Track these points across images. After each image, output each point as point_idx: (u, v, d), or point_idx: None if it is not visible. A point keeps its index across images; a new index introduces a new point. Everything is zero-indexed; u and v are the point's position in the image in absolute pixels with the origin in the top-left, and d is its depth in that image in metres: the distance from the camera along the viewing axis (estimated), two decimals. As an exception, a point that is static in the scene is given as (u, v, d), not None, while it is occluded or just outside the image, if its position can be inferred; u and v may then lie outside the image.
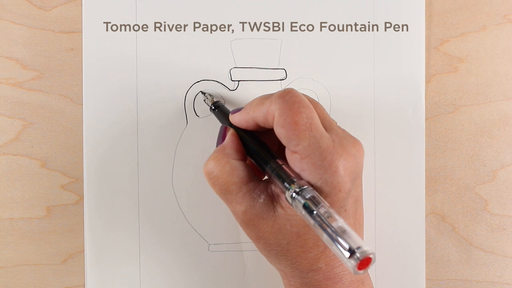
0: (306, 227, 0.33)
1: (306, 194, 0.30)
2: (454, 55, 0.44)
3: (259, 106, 0.34)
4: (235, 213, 0.35)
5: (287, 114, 0.32)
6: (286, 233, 0.33)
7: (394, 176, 0.43)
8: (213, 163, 0.35)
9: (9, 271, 0.42)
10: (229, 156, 0.35)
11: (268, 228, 0.34)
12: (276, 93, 0.33)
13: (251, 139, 0.36)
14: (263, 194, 0.34)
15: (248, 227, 0.34)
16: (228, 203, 0.35)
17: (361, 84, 0.43)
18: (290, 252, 0.34)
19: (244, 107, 0.36)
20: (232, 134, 0.36)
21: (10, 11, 0.41)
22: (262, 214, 0.33)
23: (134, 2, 0.41)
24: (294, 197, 0.31)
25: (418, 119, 0.43)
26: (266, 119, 0.33)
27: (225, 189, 0.34)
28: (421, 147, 0.44)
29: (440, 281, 0.44)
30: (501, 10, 0.43)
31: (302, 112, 0.32)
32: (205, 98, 0.41)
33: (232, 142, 0.36)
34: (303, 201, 0.30)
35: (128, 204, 0.41)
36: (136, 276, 0.42)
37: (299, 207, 0.30)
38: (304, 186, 0.31)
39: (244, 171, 0.34)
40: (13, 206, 0.42)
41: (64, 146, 0.42)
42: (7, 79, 0.41)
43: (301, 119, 0.32)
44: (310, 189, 0.31)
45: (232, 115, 0.36)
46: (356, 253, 0.27)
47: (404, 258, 0.43)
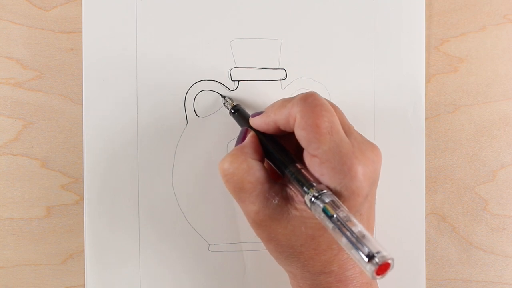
0: (321, 229, 0.33)
1: (325, 198, 0.30)
2: (454, 55, 0.44)
3: (281, 108, 0.34)
4: (247, 213, 0.35)
5: (309, 116, 0.32)
6: (300, 235, 0.33)
7: (394, 176, 0.43)
8: (230, 160, 0.34)
9: (9, 271, 0.42)
10: (247, 155, 0.35)
11: (281, 230, 0.33)
12: (297, 96, 0.34)
13: (270, 142, 0.36)
14: (278, 196, 0.34)
15: (259, 227, 0.34)
16: (240, 202, 0.35)
17: (361, 84, 0.43)
18: (303, 254, 0.34)
19: (264, 111, 0.36)
20: (252, 136, 0.36)
21: (10, 11, 0.41)
22: (276, 216, 0.33)
23: (134, 2, 0.41)
24: (313, 201, 0.31)
25: (418, 119, 0.43)
26: (287, 122, 0.34)
27: (239, 187, 0.34)
28: (421, 147, 0.44)
29: (440, 281, 0.44)
30: (501, 10, 0.43)
31: (323, 116, 0.32)
32: (225, 101, 0.41)
33: (252, 143, 0.36)
34: (322, 205, 0.30)
35: (128, 204, 0.41)
36: (136, 276, 0.42)
37: (318, 211, 0.30)
38: (323, 190, 0.31)
39: (261, 171, 0.34)
40: (13, 206, 0.42)
41: (64, 146, 0.42)
42: (7, 79, 0.41)
43: (322, 122, 0.32)
44: (329, 193, 0.31)
45: (252, 118, 0.37)
46: (375, 258, 0.27)
47: (404, 258, 0.43)
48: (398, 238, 0.43)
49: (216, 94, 0.42)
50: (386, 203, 0.43)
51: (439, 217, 0.44)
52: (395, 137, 0.43)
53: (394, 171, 0.43)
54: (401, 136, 0.43)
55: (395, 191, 0.43)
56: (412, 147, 0.43)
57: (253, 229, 0.35)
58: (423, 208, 0.43)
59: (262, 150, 0.36)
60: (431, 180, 0.44)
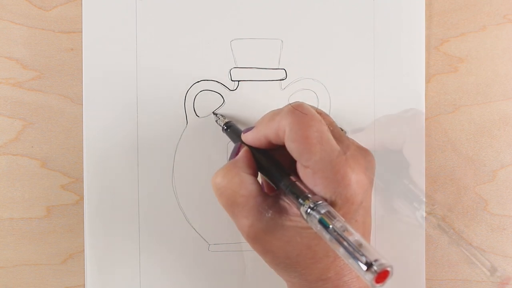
0: (317, 238, 0.33)
1: (321, 209, 0.30)
2: (454, 55, 0.44)
3: (270, 122, 0.34)
4: (241, 227, 0.34)
5: (298, 128, 0.32)
6: (295, 246, 0.33)
7: (394, 176, 0.43)
8: (222, 174, 0.34)
9: (9, 271, 0.42)
10: (240, 169, 0.34)
11: (275, 242, 0.33)
12: (285, 108, 0.34)
13: (263, 156, 0.36)
14: (271, 209, 0.34)
15: (254, 241, 0.34)
16: (233, 216, 0.35)
17: (361, 84, 0.43)
18: (300, 264, 0.34)
19: (255, 125, 0.36)
20: (245, 150, 0.36)
21: (10, 11, 0.41)
22: (270, 229, 0.33)
23: (134, 2, 0.41)
24: (309, 212, 0.31)
25: (418, 119, 0.43)
26: (277, 135, 0.34)
27: (232, 201, 0.34)
28: (421, 147, 0.44)
29: (440, 281, 0.44)
30: (501, 10, 0.43)
31: (312, 126, 0.32)
32: (217, 118, 0.41)
33: (245, 157, 0.36)
34: (318, 216, 0.30)
35: (128, 204, 0.41)
36: (136, 276, 0.42)
37: (314, 222, 0.30)
38: (319, 201, 0.31)
39: (254, 185, 0.34)
40: (13, 206, 0.42)
41: (64, 146, 0.42)
42: (7, 79, 0.41)
43: (311, 133, 0.32)
44: (325, 204, 0.31)
45: (244, 135, 0.36)
46: (374, 266, 0.27)
47: (404, 258, 0.43)
48: (398, 238, 0.43)
49: (216, 94, 0.42)
50: (386, 203, 0.43)
51: (439, 217, 0.44)
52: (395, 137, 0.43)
53: (394, 171, 0.43)
54: (401, 136, 0.43)
55: (395, 191, 0.43)
56: (412, 147, 0.43)
57: (248, 243, 0.35)
58: (423, 208, 0.43)
59: (255, 165, 0.36)
60: (431, 180, 0.44)
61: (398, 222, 0.43)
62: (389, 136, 0.43)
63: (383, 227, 0.43)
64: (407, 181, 0.43)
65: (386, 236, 0.43)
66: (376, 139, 0.43)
